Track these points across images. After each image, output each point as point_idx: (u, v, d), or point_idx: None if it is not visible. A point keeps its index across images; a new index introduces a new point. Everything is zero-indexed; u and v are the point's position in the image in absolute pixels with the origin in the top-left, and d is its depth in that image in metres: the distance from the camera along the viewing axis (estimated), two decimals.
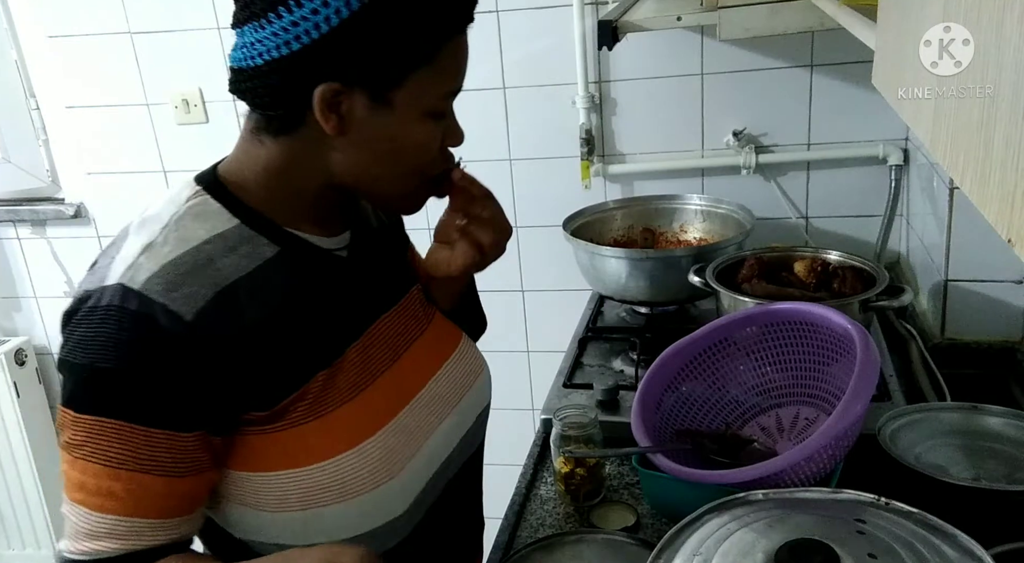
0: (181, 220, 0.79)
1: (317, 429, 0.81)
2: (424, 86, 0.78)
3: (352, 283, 0.89)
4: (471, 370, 1.01)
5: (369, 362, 0.88)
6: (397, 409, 0.88)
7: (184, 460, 0.77)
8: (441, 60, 0.78)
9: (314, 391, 0.81)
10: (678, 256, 1.59)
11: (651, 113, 1.90)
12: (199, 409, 0.76)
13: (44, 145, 2.24)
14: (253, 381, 0.78)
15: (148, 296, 0.73)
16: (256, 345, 0.78)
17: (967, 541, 0.68)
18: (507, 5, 1.86)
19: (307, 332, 0.82)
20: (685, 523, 0.76)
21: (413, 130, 0.80)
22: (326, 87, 0.75)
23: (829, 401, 1.09)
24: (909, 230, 1.82)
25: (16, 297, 2.41)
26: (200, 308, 0.74)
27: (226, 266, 0.78)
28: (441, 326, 1.02)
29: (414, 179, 0.85)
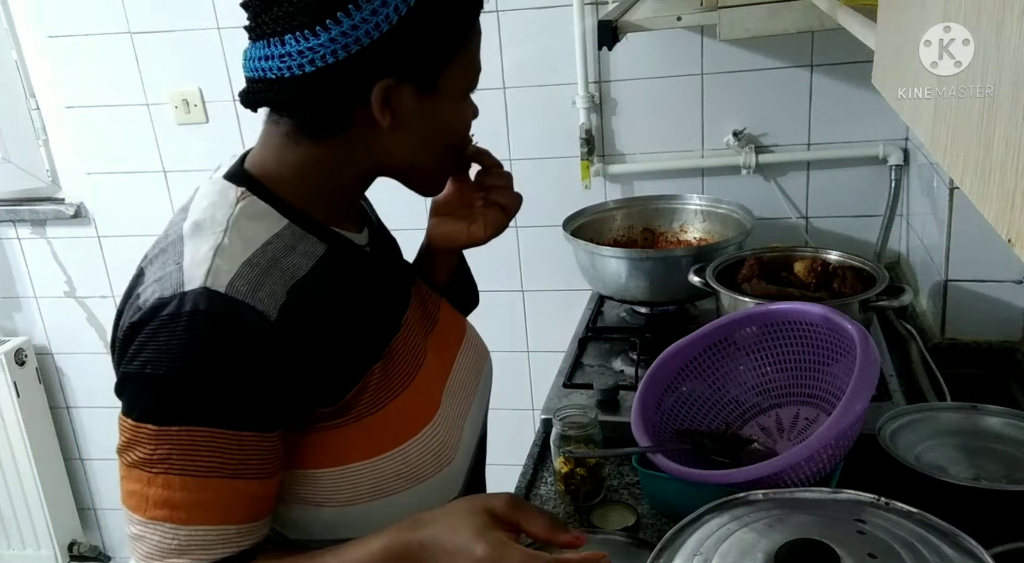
0: (238, 221, 0.79)
1: (382, 419, 0.84)
2: (464, 68, 0.83)
3: (381, 277, 0.92)
4: (480, 355, 1.06)
5: (411, 352, 0.91)
6: (440, 397, 0.92)
7: (270, 460, 0.78)
8: (473, 44, 0.84)
9: (373, 384, 0.84)
10: (678, 256, 1.59)
11: (651, 113, 1.90)
12: (280, 408, 0.77)
13: (44, 145, 2.24)
14: (323, 377, 0.80)
15: (235, 297, 0.73)
16: (327, 341, 0.80)
17: (967, 541, 0.68)
18: (507, 5, 1.86)
19: (359, 327, 0.85)
20: (685, 523, 0.76)
21: (458, 111, 0.86)
22: (383, 84, 0.77)
23: (829, 401, 1.09)
24: (909, 230, 1.82)
25: (16, 297, 2.40)
26: (282, 305, 0.76)
27: (290, 265, 0.79)
28: (450, 314, 1.05)
29: (450, 157, 0.91)
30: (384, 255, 0.97)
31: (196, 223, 0.80)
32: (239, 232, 0.78)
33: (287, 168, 0.83)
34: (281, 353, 0.75)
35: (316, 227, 0.84)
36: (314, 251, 0.82)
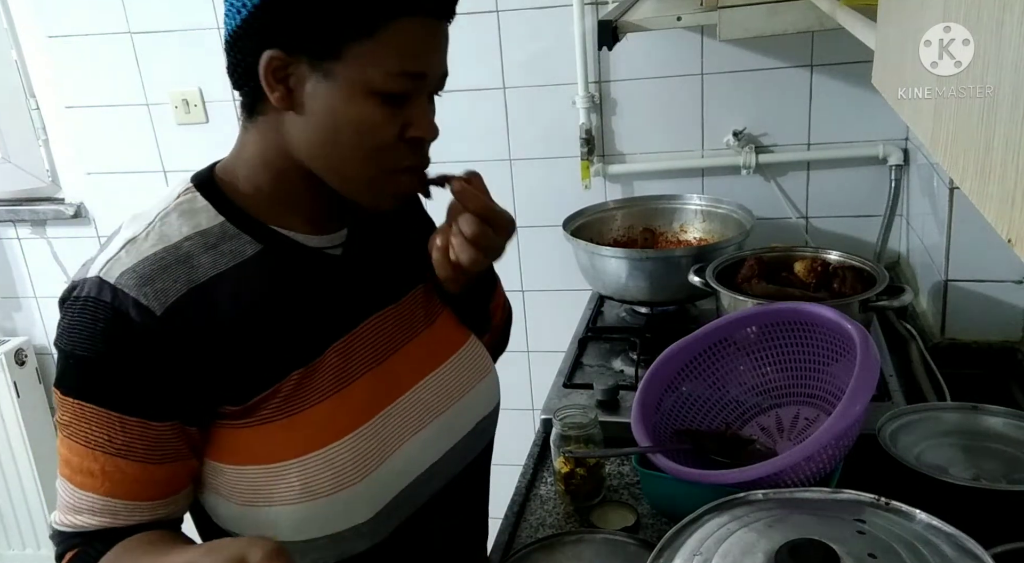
0: (167, 217, 0.82)
1: (286, 428, 0.82)
2: (365, 61, 0.76)
3: (341, 281, 0.88)
4: (467, 377, 0.97)
5: (350, 363, 0.87)
6: (373, 412, 0.87)
7: (158, 448, 0.79)
8: (384, 37, 0.75)
9: (287, 389, 0.82)
10: (678, 256, 1.59)
11: (651, 113, 1.90)
12: (171, 400, 0.78)
13: (44, 145, 2.24)
14: (225, 376, 0.79)
15: (122, 289, 0.76)
16: (228, 341, 0.79)
17: (967, 541, 0.68)
18: (507, 5, 1.86)
19: (283, 330, 0.82)
20: (685, 523, 0.76)
21: (354, 107, 0.77)
22: (269, 55, 0.76)
23: (829, 401, 1.09)
24: (909, 230, 1.82)
25: (16, 297, 2.41)
26: (171, 303, 0.76)
27: (204, 263, 0.80)
28: (444, 328, 0.99)
29: (371, 167, 0.81)
30: (364, 258, 0.91)
31: (135, 216, 0.84)
32: (161, 227, 0.81)
33: (240, 162, 0.85)
34: (166, 349, 0.76)
35: (253, 226, 0.83)
36: (241, 250, 0.82)
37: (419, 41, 0.78)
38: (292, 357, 0.83)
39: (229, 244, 0.82)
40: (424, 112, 0.82)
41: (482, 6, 1.87)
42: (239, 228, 0.83)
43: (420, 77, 0.79)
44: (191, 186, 0.84)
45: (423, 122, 0.81)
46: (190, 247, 0.80)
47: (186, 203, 0.83)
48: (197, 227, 0.81)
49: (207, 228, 0.81)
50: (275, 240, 0.84)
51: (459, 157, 1.99)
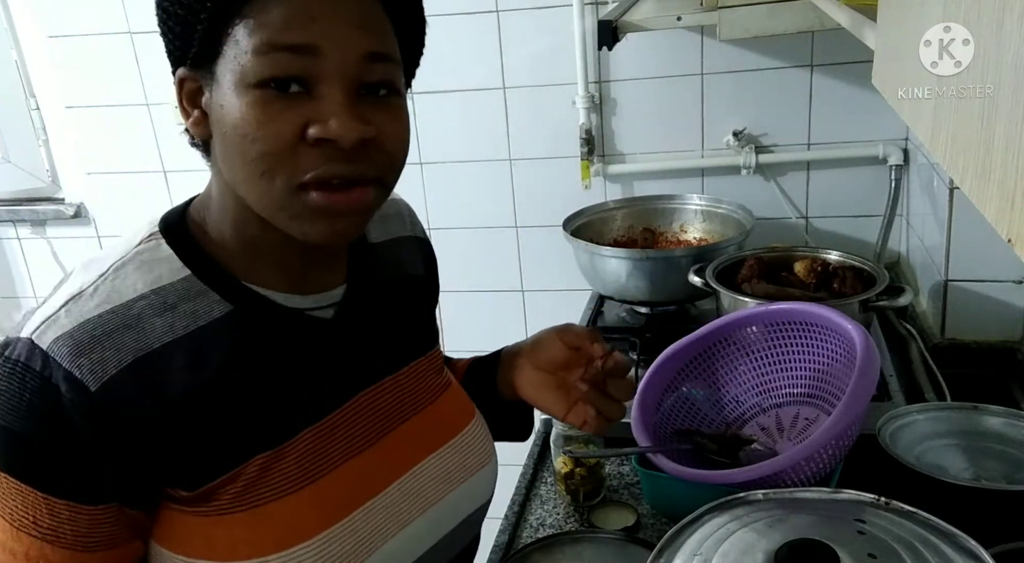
0: (122, 269, 0.70)
1: (244, 523, 0.69)
2: (237, 48, 0.63)
3: (328, 350, 0.76)
4: (467, 464, 0.85)
5: (330, 447, 0.74)
6: (352, 507, 0.75)
7: (90, 534, 0.67)
8: (253, 15, 0.63)
9: (250, 476, 0.69)
10: (678, 256, 1.59)
11: (651, 113, 1.90)
12: (108, 482, 0.66)
13: (44, 145, 2.24)
14: (175, 458, 0.68)
15: (53, 358, 0.64)
16: (178, 419, 0.67)
17: (967, 541, 0.68)
18: (507, 5, 1.86)
19: (248, 408, 0.70)
20: (685, 523, 0.76)
21: (236, 105, 0.63)
22: (178, 75, 0.68)
23: (829, 401, 1.09)
24: (909, 230, 1.82)
25: (16, 297, 2.40)
26: (110, 377, 0.64)
27: (157, 327, 0.67)
28: (446, 407, 0.86)
29: (271, 181, 0.65)
30: (359, 323, 0.79)
31: (89, 261, 0.72)
32: (114, 281, 0.68)
33: (210, 202, 0.73)
34: (101, 429, 0.64)
35: (224, 282, 0.71)
36: (207, 312, 0.69)
37: (293, 10, 0.62)
38: (256, 439, 0.70)
39: (191, 304, 0.69)
40: (332, 104, 0.63)
41: (482, 6, 1.87)
42: (207, 284, 0.70)
43: (305, 51, 0.63)
44: (156, 231, 0.72)
45: (327, 116, 0.63)
46: (142, 308, 0.67)
47: (147, 252, 0.71)
48: (156, 282, 0.69)
49: (167, 284, 0.69)
50: (246, 299, 0.71)
51: (459, 157, 2.00)
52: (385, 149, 0.68)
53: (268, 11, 0.62)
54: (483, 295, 1.17)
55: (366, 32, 0.65)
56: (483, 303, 1.17)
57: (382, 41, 0.67)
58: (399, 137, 0.69)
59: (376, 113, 0.67)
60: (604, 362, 0.84)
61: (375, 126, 0.66)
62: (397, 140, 0.69)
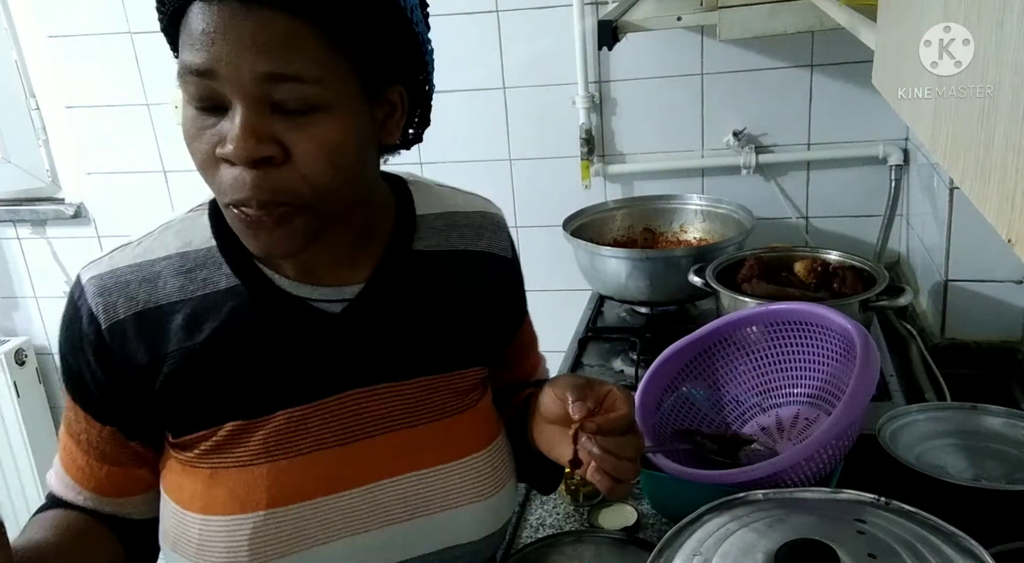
0: (166, 230, 0.79)
1: (204, 479, 0.76)
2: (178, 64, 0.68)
3: (325, 343, 0.77)
4: (456, 493, 0.81)
5: (299, 434, 0.76)
6: (303, 497, 0.76)
7: (99, 447, 0.79)
8: (183, 31, 0.66)
9: (220, 438, 0.76)
10: (678, 256, 1.59)
11: (651, 113, 1.90)
12: (109, 408, 0.78)
13: (44, 145, 2.24)
14: (160, 406, 0.76)
15: (85, 292, 0.76)
16: (168, 373, 0.75)
17: (967, 541, 0.68)
18: (507, 5, 1.86)
19: (232, 376, 0.75)
20: (685, 523, 0.76)
21: (182, 115, 0.69)
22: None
23: (829, 401, 1.09)
24: (909, 230, 1.82)
25: (16, 297, 2.40)
26: (118, 320, 0.75)
27: (170, 286, 0.75)
28: (451, 432, 0.82)
29: (213, 190, 0.69)
30: (371, 323, 0.79)
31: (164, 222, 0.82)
32: (153, 239, 0.79)
33: None
34: (105, 361, 0.75)
35: (239, 258, 0.76)
36: (214, 281, 0.76)
37: (197, 31, 0.64)
38: (234, 406, 0.75)
39: (205, 271, 0.76)
40: (233, 124, 0.64)
41: (482, 6, 1.87)
42: (224, 257, 0.76)
43: (206, 74, 0.64)
44: (206, 203, 0.80)
45: (226, 136, 0.65)
46: (164, 266, 0.76)
47: (191, 219, 0.79)
48: (185, 247, 0.77)
49: (194, 250, 0.77)
50: (254, 278, 0.76)
51: (459, 157, 2.00)
52: (299, 170, 0.66)
53: (185, 31, 0.65)
54: None
55: (262, 52, 0.63)
56: None
57: (286, 60, 0.63)
58: (319, 157, 0.66)
59: (291, 132, 0.65)
60: (582, 426, 0.72)
61: (283, 145, 0.65)
62: (316, 160, 0.66)
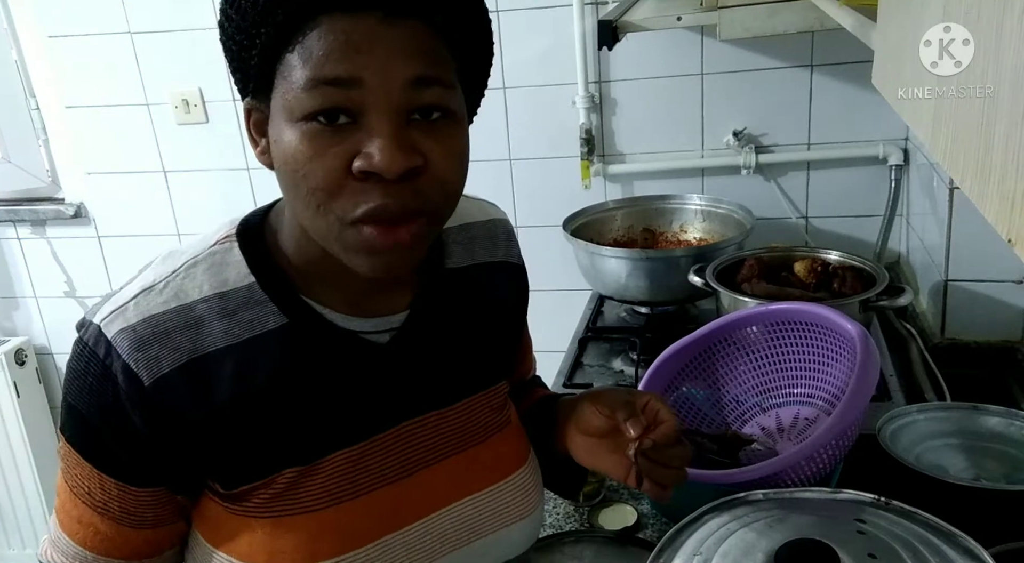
0: (193, 268, 0.72)
1: (267, 529, 0.72)
2: (288, 82, 0.63)
3: (376, 376, 0.75)
4: (508, 511, 0.81)
5: (361, 473, 0.74)
6: (372, 537, 0.74)
7: (135, 513, 0.72)
8: (302, 50, 0.62)
9: (279, 487, 0.71)
10: (678, 256, 1.59)
11: (651, 113, 1.90)
12: (154, 470, 0.71)
13: (44, 145, 2.24)
14: (214, 457, 0.71)
15: (115, 348, 0.68)
16: (222, 424, 0.70)
17: (967, 541, 0.68)
18: (507, 5, 1.86)
19: (286, 421, 0.71)
20: (685, 523, 0.76)
21: (284, 138, 0.63)
22: (246, 106, 0.68)
23: (829, 401, 1.09)
24: (909, 230, 1.82)
25: (16, 297, 2.41)
26: (163, 375, 0.67)
27: (215, 331, 0.69)
28: (496, 449, 0.82)
29: (326, 216, 0.64)
30: (418, 351, 0.78)
31: (168, 254, 0.75)
32: (184, 279, 0.71)
33: (285, 215, 0.74)
34: (151, 421, 0.68)
35: (284, 294, 0.72)
36: (261, 322, 0.71)
37: (338, 43, 0.61)
38: (290, 453, 0.72)
39: (250, 312, 0.71)
40: (377, 135, 0.62)
41: None
42: (268, 294, 0.71)
43: (349, 83, 0.61)
44: (233, 233, 0.74)
45: (370, 148, 0.62)
46: (204, 310, 0.70)
47: (219, 254, 0.72)
48: (222, 286, 0.71)
49: (232, 289, 0.71)
50: (303, 314, 0.72)
51: None
52: (436, 177, 0.65)
53: (313, 45, 0.61)
54: None
55: (411, 57, 0.62)
56: None
57: (431, 65, 0.63)
58: (452, 163, 0.66)
59: (426, 139, 0.64)
60: (641, 443, 0.75)
61: (422, 155, 0.64)
62: (450, 167, 0.66)
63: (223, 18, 0.65)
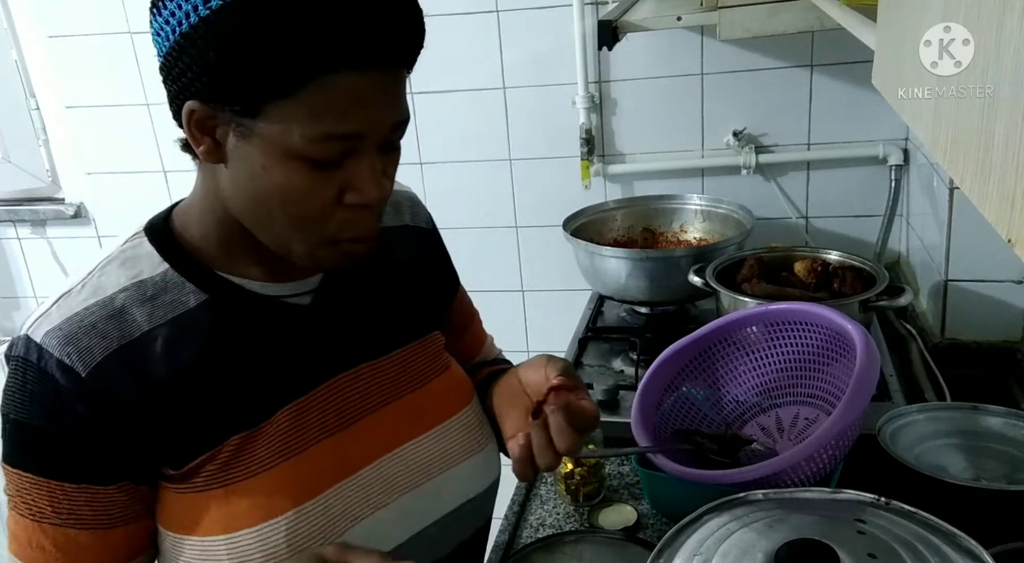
0: (107, 266, 0.75)
1: (220, 499, 0.74)
2: (286, 123, 0.65)
3: (304, 335, 0.79)
4: (456, 450, 0.85)
5: (304, 428, 0.78)
6: (323, 487, 0.77)
7: (108, 512, 0.73)
8: (309, 97, 0.65)
9: (225, 455, 0.74)
10: (678, 256, 1.59)
11: (651, 113, 1.90)
12: (115, 462, 0.72)
13: (44, 145, 2.24)
14: (161, 438, 0.73)
15: (47, 349, 0.70)
16: (162, 402, 0.72)
17: (967, 541, 0.68)
18: (507, 5, 1.86)
19: (225, 390, 0.74)
20: (685, 523, 0.76)
21: (278, 171, 0.67)
22: (189, 107, 0.69)
23: (829, 401, 1.09)
24: (909, 230, 1.82)
25: (16, 297, 2.41)
26: (97, 363, 0.70)
27: (139, 317, 0.72)
28: (439, 390, 0.87)
29: (307, 236, 0.71)
30: (338, 308, 0.82)
31: (80, 266, 0.78)
32: (99, 277, 0.74)
33: (192, 205, 0.78)
34: (96, 411, 0.70)
35: (200, 274, 0.75)
36: (182, 301, 0.74)
37: (349, 99, 0.66)
38: (233, 420, 0.74)
39: (169, 295, 0.74)
40: (368, 173, 0.69)
41: (482, 6, 1.87)
42: (184, 276, 0.75)
43: (352, 138, 0.67)
44: (141, 231, 0.78)
45: (365, 185, 0.69)
46: (124, 300, 0.73)
47: (129, 250, 0.76)
48: (137, 277, 0.74)
49: (147, 278, 0.74)
50: (222, 289, 0.76)
51: (459, 157, 2.00)
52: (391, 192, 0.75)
53: (321, 99, 0.65)
54: (483, 295, 1.17)
55: (398, 102, 0.70)
56: (483, 303, 1.16)
57: (406, 105, 0.72)
58: (393, 180, 0.76)
59: (389, 166, 0.73)
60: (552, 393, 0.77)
61: (389, 179, 0.73)
62: (392, 184, 0.75)
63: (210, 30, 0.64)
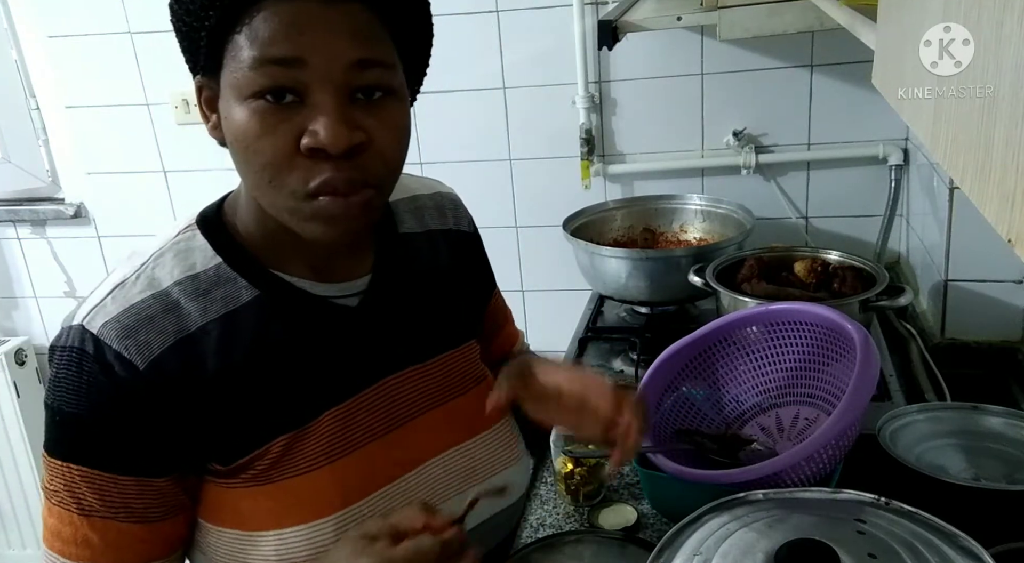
0: (161, 258, 0.75)
1: (269, 495, 0.74)
2: (236, 61, 0.66)
3: (352, 336, 0.79)
4: (496, 459, 0.87)
5: (351, 430, 0.78)
6: (370, 489, 0.78)
7: (159, 504, 0.74)
8: (252, 31, 0.65)
9: (275, 453, 0.74)
10: (678, 256, 1.59)
11: (651, 113, 1.90)
12: (166, 455, 0.73)
13: (44, 145, 2.24)
14: (212, 433, 0.73)
15: (104, 341, 0.70)
16: (213, 398, 0.72)
17: (967, 541, 0.68)
18: (507, 5, 1.86)
19: (274, 389, 0.75)
20: (685, 523, 0.76)
21: (234, 118, 0.67)
22: (196, 81, 0.71)
23: (829, 401, 1.09)
24: (909, 230, 1.82)
25: (16, 297, 2.40)
26: (155, 357, 0.70)
27: (193, 311, 0.73)
28: (477, 401, 0.86)
29: (278, 191, 0.68)
30: (385, 311, 0.82)
31: (132, 253, 0.77)
32: (153, 270, 0.74)
33: (240, 197, 0.78)
34: (152, 404, 0.70)
35: (252, 269, 0.75)
36: (236, 297, 0.74)
37: (283, 24, 0.64)
38: (282, 419, 0.75)
39: (222, 289, 0.74)
40: (321, 114, 0.65)
41: (482, 6, 1.87)
42: (236, 271, 0.75)
43: (293, 63, 0.65)
44: (193, 223, 0.78)
45: (316, 126, 0.65)
46: (179, 293, 0.73)
47: (183, 242, 0.76)
48: (190, 270, 0.74)
49: (201, 271, 0.74)
50: (273, 286, 0.76)
51: (459, 157, 2.00)
52: (379, 152, 0.69)
53: (260, 26, 0.65)
54: None
55: (353, 39, 0.66)
56: None
57: (372, 48, 0.68)
58: (394, 140, 0.70)
59: (368, 117, 0.68)
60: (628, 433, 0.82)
61: (365, 131, 0.67)
62: (391, 143, 0.70)
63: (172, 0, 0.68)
